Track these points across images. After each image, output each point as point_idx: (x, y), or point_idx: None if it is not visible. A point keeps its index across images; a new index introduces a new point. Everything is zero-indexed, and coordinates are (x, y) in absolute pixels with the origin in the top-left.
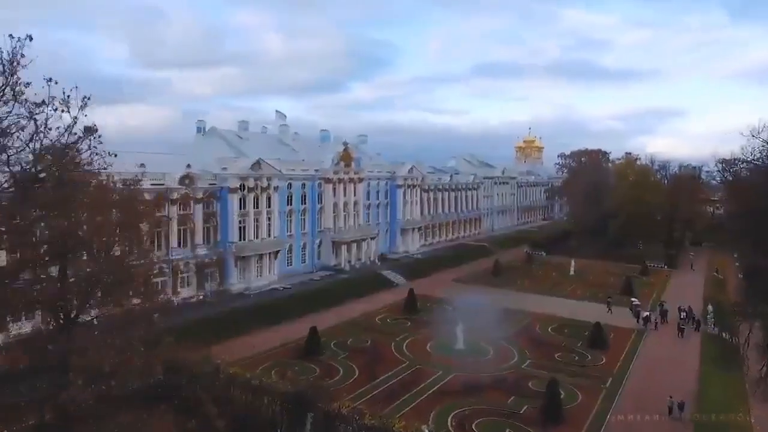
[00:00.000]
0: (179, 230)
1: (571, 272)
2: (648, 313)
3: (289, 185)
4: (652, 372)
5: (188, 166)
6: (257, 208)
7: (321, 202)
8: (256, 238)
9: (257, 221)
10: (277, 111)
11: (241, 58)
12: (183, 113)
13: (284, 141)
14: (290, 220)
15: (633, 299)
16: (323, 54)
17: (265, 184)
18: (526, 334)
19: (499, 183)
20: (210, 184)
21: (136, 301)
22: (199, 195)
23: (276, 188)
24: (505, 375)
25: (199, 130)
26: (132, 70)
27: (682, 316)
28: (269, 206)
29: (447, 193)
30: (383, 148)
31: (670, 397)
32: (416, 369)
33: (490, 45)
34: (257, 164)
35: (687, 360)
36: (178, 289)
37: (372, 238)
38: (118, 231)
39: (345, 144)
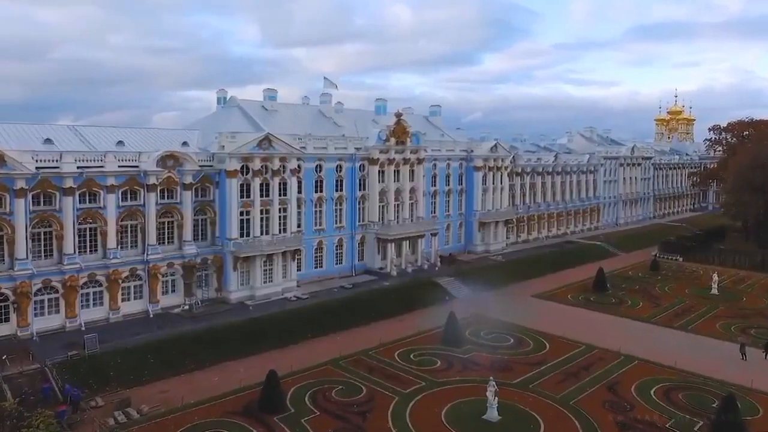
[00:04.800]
0: (161, 223)
1: (713, 290)
2: None
3: (318, 167)
4: None
5: (184, 143)
6: (267, 196)
7: (364, 189)
8: (265, 233)
9: (267, 213)
10: (325, 78)
11: (369, 32)
12: (307, 92)
13: (325, 114)
14: (320, 211)
15: None
16: (454, 24)
17: (276, 166)
18: (610, 398)
19: (628, 164)
20: (202, 166)
21: None
22: (188, 180)
23: (293, 171)
24: None
25: (219, 101)
26: (263, 50)
27: None
28: (284, 194)
29: (550, 177)
30: (516, 125)
31: None
32: None
33: (651, 2)
34: (266, 140)
35: None
36: (158, 297)
37: (433, 235)
38: None
39: (398, 115)
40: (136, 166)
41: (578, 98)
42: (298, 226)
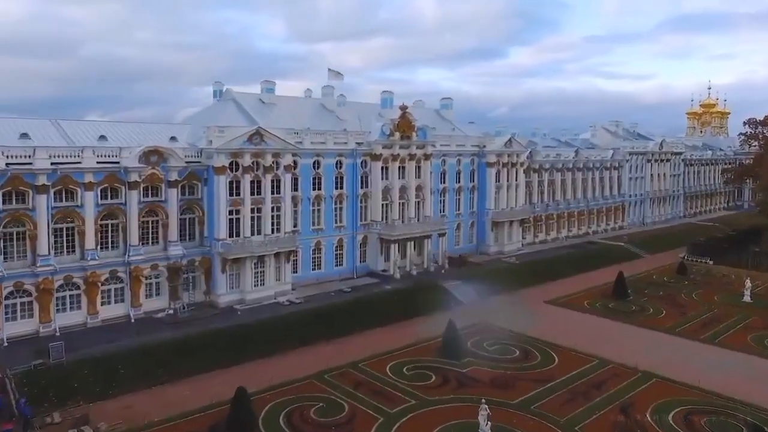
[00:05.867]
0: (145, 223)
1: (746, 297)
2: None
3: (316, 163)
4: None
5: (172, 138)
6: (258, 194)
7: (366, 186)
8: (257, 234)
9: (258, 212)
10: (330, 69)
11: (394, 26)
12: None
13: (327, 107)
14: (318, 210)
15: None
16: (480, 17)
17: (268, 162)
18: (621, 423)
19: (656, 160)
20: (188, 162)
21: None
22: (173, 177)
23: (287, 168)
24: None
25: (215, 94)
26: (288, 45)
27: None
28: (277, 191)
29: (570, 173)
30: (544, 121)
31: None
32: None
33: None
34: (257, 135)
35: None
36: (140, 300)
37: (440, 235)
38: None
39: (403, 108)
40: (117, 162)
41: (609, 92)
42: (294, 225)
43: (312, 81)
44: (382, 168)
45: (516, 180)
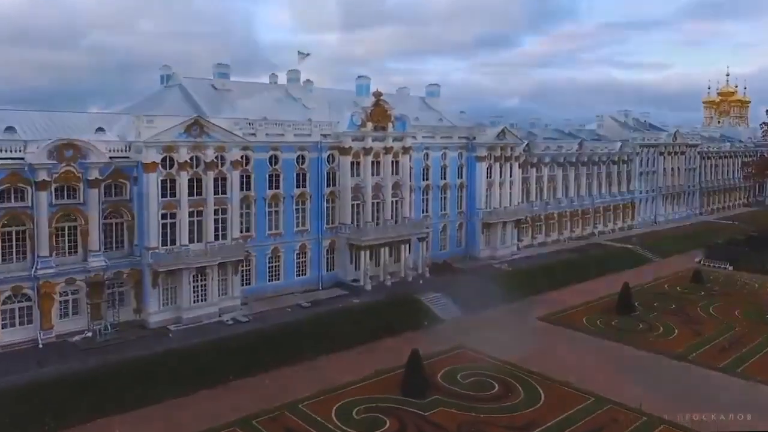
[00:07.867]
0: (59, 230)
1: None
2: None
3: (273, 159)
4: None
5: (99, 129)
6: (198, 194)
7: (334, 184)
8: (196, 241)
9: (198, 215)
10: (299, 52)
11: (403, 14)
12: (338, 78)
13: (293, 94)
14: (275, 212)
15: None
16: (493, 5)
17: (210, 157)
18: None
19: (669, 153)
20: (113, 158)
21: None
22: (93, 175)
23: (235, 164)
24: None
25: (162, 80)
26: (294, 35)
27: None
28: (222, 191)
29: (573, 168)
30: (557, 112)
31: None
32: None
33: None
34: (196, 126)
35: None
36: (52, 321)
37: (421, 239)
38: None
39: (377, 95)
40: (21, 158)
41: (624, 82)
42: (247, 230)
43: (317, 73)
44: (352, 163)
45: (510, 176)
